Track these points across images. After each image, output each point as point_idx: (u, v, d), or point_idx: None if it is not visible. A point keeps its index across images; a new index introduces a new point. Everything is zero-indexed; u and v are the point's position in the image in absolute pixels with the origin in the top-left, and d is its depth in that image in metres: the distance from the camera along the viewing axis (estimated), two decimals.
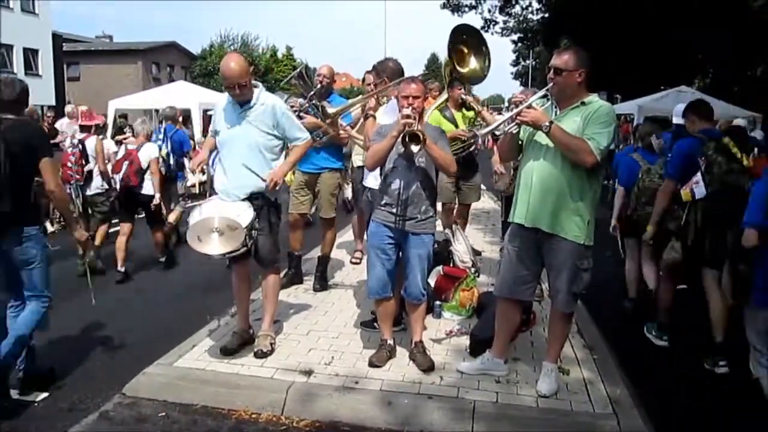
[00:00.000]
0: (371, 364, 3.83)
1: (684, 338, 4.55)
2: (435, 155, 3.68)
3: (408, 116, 3.58)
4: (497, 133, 3.53)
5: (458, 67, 4.52)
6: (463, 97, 5.77)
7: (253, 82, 3.94)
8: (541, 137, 3.35)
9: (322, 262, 5.71)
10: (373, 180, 4.24)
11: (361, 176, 4.49)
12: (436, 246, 4.15)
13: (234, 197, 3.90)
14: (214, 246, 3.70)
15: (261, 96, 3.95)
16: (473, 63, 4.52)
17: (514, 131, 3.47)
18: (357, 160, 6.13)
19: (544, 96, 3.52)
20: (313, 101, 4.97)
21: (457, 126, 5.83)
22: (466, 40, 4.51)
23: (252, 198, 3.89)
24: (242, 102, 3.90)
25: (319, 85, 5.14)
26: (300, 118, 4.90)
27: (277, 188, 3.96)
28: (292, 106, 4.92)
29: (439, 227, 6.12)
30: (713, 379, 4.03)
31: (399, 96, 3.81)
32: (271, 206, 4.00)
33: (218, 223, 3.71)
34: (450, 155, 3.85)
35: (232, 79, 3.77)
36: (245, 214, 3.80)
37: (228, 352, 4.00)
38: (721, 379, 4.02)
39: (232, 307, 4.61)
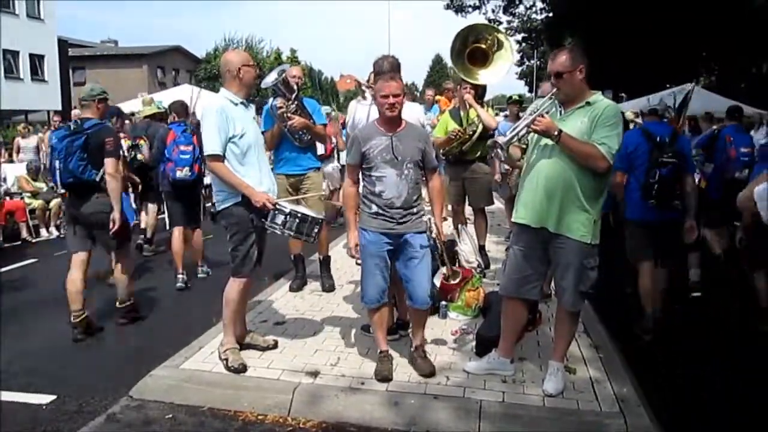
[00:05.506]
0: (383, 379, 3.64)
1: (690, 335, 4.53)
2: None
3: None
4: (515, 141, 3.50)
5: (474, 68, 4.40)
6: (465, 96, 5.58)
7: None
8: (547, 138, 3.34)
9: (325, 262, 5.72)
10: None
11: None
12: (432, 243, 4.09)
13: (275, 195, 3.95)
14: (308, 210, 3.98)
15: None
16: (492, 67, 4.38)
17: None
18: None
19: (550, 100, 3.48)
20: (296, 102, 5.03)
21: (461, 125, 5.70)
22: (484, 38, 4.34)
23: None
24: (247, 102, 3.99)
25: (295, 87, 5.15)
26: (288, 119, 4.98)
27: None
28: (279, 107, 4.98)
29: (452, 228, 6.13)
30: (721, 377, 4.01)
31: (377, 95, 3.58)
32: None
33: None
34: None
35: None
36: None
37: None
38: (728, 378, 4.00)
39: None
